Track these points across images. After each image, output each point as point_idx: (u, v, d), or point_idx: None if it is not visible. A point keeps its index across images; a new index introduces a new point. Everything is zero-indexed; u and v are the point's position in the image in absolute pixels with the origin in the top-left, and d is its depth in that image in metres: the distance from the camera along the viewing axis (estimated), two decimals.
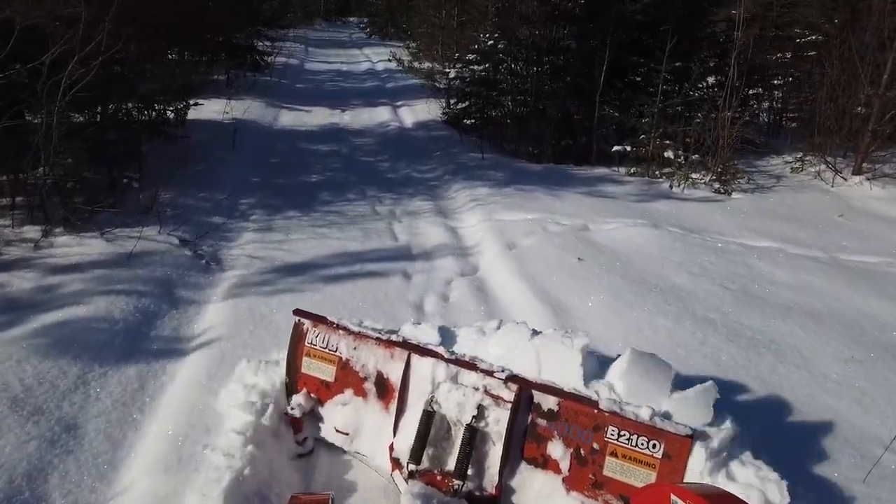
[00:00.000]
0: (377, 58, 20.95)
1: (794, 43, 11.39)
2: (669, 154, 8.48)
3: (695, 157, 8.38)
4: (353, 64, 20.33)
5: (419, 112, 12.49)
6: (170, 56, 8.81)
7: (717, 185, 8.08)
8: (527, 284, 5.00)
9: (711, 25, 9.66)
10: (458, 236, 6.28)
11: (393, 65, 16.21)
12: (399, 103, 13.57)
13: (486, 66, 10.38)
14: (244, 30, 15.82)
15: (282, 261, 5.41)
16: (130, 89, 6.57)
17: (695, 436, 2.43)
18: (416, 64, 14.19)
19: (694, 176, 8.18)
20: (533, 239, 5.99)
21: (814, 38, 11.90)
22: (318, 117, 11.86)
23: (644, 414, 2.50)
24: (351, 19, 34.86)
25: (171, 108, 7.94)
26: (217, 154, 8.36)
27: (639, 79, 10.00)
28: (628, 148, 8.68)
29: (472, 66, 10.96)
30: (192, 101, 8.49)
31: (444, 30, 13.02)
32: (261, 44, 16.94)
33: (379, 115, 12.41)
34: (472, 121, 10.82)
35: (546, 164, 9.07)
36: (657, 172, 8.52)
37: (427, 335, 3.03)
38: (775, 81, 11.51)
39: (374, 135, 10.79)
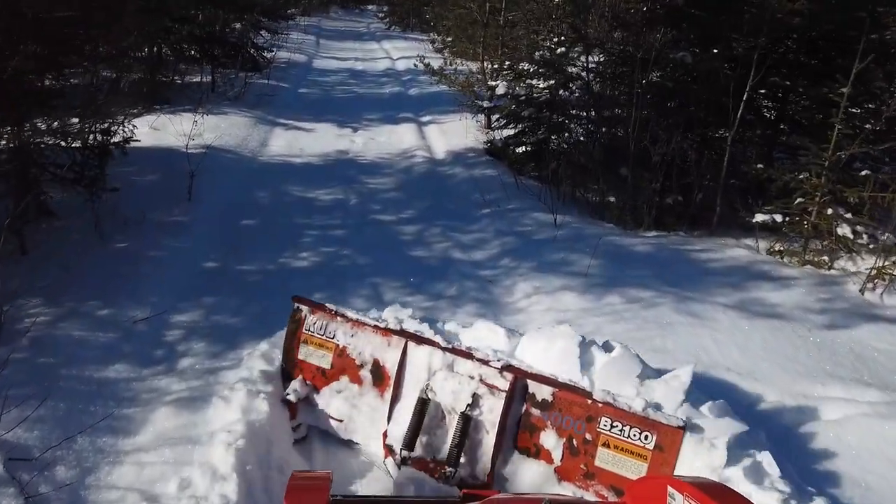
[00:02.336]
0: (398, 54, 17.96)
1: None
2: (846, 231, 5.57)
3: (886, 237, 5.47)
4: (369, 61, 17.37)
5: (452, 134, 9.58)
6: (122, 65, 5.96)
7: None
8: None
9: (882, 31, 6.66)
10: None
11: (418, 65, 13.26)
12: (426, 119, 10.67)
13: (553, 81, 7.48)
14: (240, 20, 13.04)
15: None
16: None
17: (686, 427, 2.47)
18: (447, 68, 11.23)
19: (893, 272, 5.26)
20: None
21: None
22: (321, 141, 8.96)
23: (637, 405, 2.53)
24: (370, 7, 32.08)
25: (73, 147, 5.11)
26: (159, 215, 5.54)
27: (769, 104, 7.09)
28: (778, 218, 5.76)
29: (529, 81, 8.08)
30: (121, 135, 5.65)
31: (488, 28, 10.04)
32: (261, 36, 14.12)
33: (401, 137, 9.49)
34: (527, 150, 8.00)
35: (648, 236, 6.15)
36: (826, 258, 5.62)
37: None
38: None
39: (394, 172, 7.87)
